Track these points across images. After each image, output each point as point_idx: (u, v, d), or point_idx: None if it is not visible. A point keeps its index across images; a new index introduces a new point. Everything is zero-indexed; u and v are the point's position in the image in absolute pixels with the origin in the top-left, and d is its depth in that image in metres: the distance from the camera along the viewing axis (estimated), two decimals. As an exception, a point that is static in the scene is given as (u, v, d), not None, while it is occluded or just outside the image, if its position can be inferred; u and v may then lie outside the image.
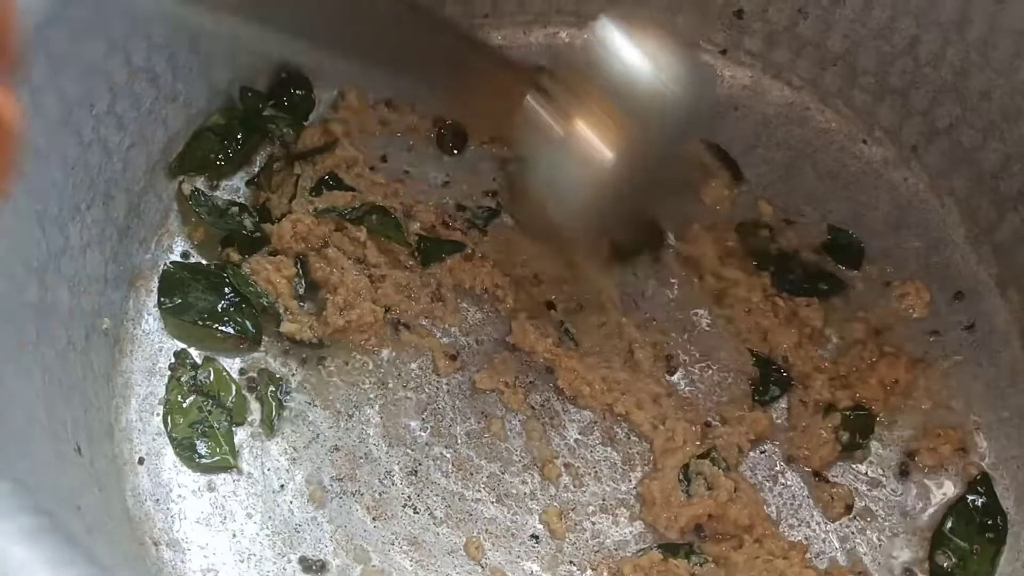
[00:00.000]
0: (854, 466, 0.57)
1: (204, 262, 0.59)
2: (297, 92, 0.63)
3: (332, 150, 0.61)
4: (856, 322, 0.60)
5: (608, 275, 0.60)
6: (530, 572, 0.54)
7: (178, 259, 0.59)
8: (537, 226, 0.55)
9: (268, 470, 0.56)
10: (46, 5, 0.44)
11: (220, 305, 0.58)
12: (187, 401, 0.56)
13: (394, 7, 0.45)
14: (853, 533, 0.56)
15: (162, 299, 0.58)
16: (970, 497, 0.56)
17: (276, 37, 0.43)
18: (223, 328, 0.57)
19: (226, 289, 0.58)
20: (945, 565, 0.55)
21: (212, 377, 0.57)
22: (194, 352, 0.57)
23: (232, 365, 0.57)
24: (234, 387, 0.57)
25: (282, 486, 0.55)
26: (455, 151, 0.64)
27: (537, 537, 0.55)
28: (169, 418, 0.56)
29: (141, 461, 0.54)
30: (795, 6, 0.63)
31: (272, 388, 0.57)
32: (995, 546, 0.55)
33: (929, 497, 0.57)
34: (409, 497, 0.56)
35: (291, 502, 0.55)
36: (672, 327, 0.60)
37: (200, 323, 0.57)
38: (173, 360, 0.57)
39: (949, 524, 0.56)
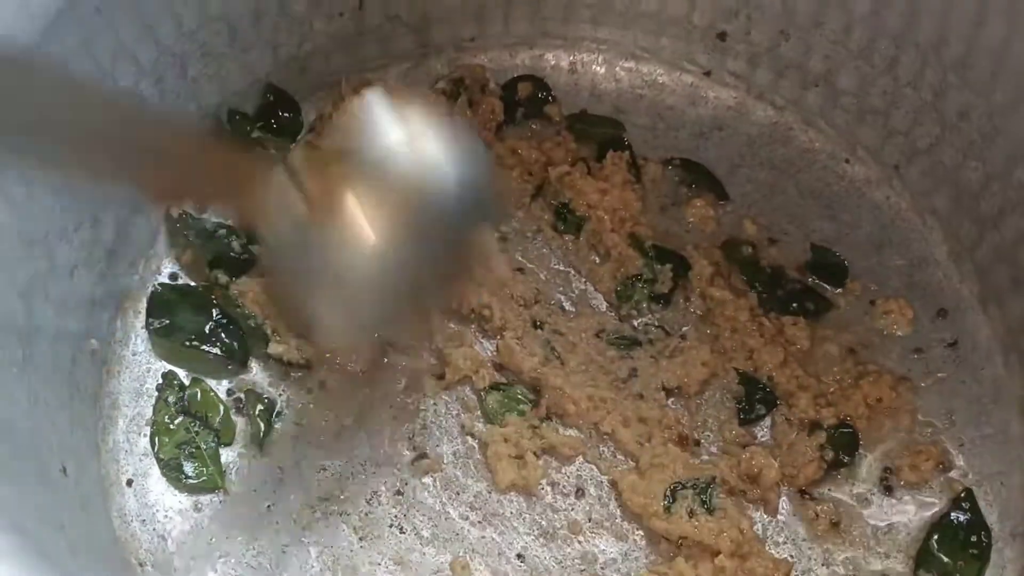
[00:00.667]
0: (839, 483, 0.58)
1: (192, 283, 0.60)
2: (284, 114, 0.64)
3: None
4: (840, 340, 0.61)
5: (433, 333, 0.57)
6: (516, 591, 0.55)
7: (166, 280, 0.60)
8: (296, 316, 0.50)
9: (255, 491, 0.56)
10: (35, 27, 0.45)
11: (208, 326, 0.58)
12: (174, 422, 0.56)
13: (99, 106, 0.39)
14: (838, 550, 0.56)
15: (150, 320, 0.58)
16: (954, 513, 0.56)
17: None
18: (210, 349, 0.57)
19: (214, 311, 0.58)
20: (930, 582, 0.55)
21: (200, 397, 0.57)
22: (182, 373, 0.57)
23: (220, 386, 0.58)
24: (222, 407, 0.57)
25: (269, 507, 0.55)
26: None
27: (523, 556, 0.55)
28: (156, 439, 0.56)
29: (130, 483, 0.55)
30: (777, 28, 0.64)
31: (260, 408, 0.57)
32: (979, 562, 0.56)
33: (913, 514, 0.57)
34: (395, 517, 0.56)
35: (277, 523, 0.55)
36: (657, 346, 0.61)
37: (187, 344, 0.57)
38: (161, 381, 0.57)
39: (933, 540, 0.56)
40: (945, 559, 0.55)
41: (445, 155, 0.43)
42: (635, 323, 0.61)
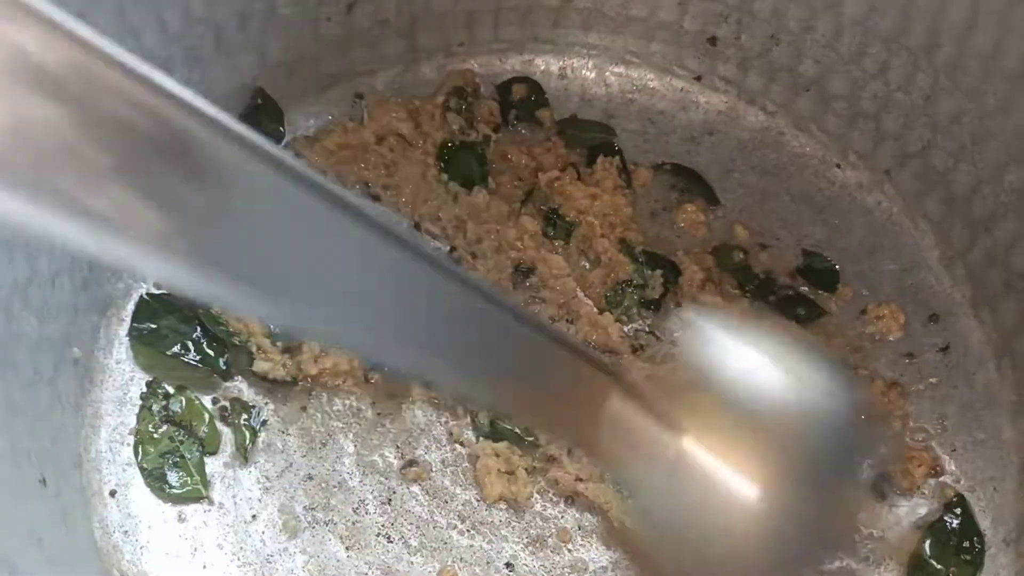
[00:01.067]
0: (831, 490, 0.57)
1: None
2: (267, 122, 0.63)
3: None
4: (832, 346, 0.60)
5: None
6: (506, 601, 0.54)
7: (153, 290, 0.59)
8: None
9: (240, 500, 0.55)
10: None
11: (193, 337, 0.57)
12: (159, 431, 0.55)
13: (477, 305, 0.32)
14: (829, 558, 0.55)
15: (134, 326, 0.57)
16: (947, 519, 0.56)
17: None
18: (194, 360, 0.57)
19: (198, 325, 0.57)
20: (924, 588, 0.55)
21: (184, 406, 0.56)
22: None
23: (205, 395, 0.57)
24: (207, 416, 0.56)
25: (254, 516, 0.55)
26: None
27: (512, 565, 0.55)
28: (140, 448, 0.55)
29: (112, 493, 0.54)
30: (767, 32, 0.64)
31: (245, 417, 0.56)
32: (972, 568, 0.55)
33: (905, 519, 0.56)
34: (383, 526, 0.55)
35: (263, 532, 0.54)
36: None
37: (170, 354, 0.57)
38: (145, 389, 0.56)
39: (926, 546, 0.55)
40: (938, 565, 0.55)
41: (814, 384, 0.36)
42: (625, 328, 0.60)
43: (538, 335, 0.35)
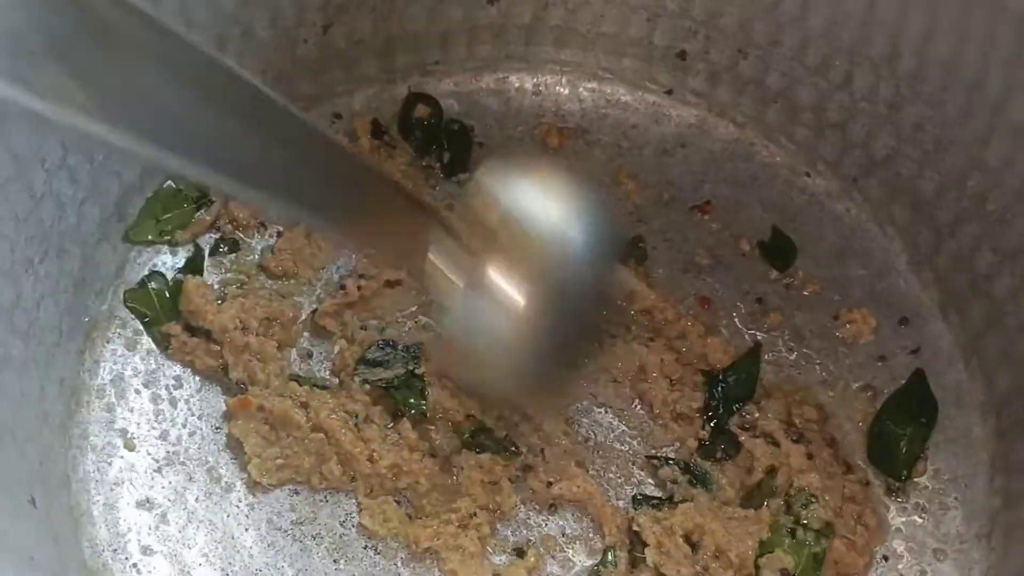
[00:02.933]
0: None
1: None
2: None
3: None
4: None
5: (559, 416, 0.58)
6: (493, 609, 0.55)
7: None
8: (463, 377, 0.53)
9: (228, 515, 0.56)
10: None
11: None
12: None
13: (294, 133, 0.40)
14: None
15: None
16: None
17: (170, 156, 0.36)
18: None
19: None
20: None
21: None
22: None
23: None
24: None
25: (244, 531, 0.55)
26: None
27: (499, 575, 0.55)
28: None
29: (100, 513, 0.54)
30: (735, 46, 0.66)
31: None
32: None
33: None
34: (370, 539, 0.56)
35: (251, 547, 0.55)
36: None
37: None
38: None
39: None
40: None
41: (573, 210, 0.45)
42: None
43: (363, 170, 0.44)
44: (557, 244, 0.45)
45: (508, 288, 0.44)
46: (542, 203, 0.45)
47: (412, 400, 0.57)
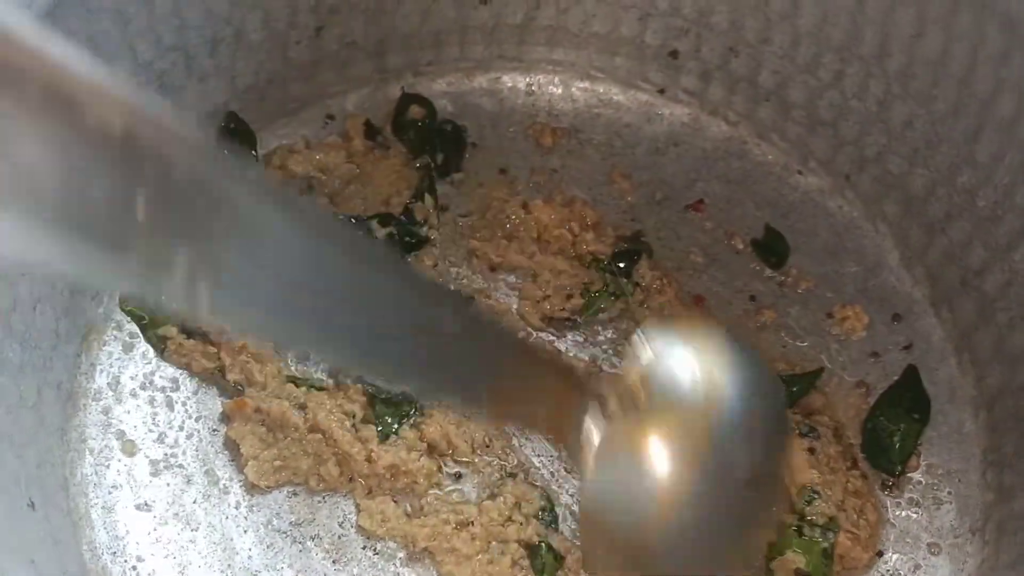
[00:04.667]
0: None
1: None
2: (240, 145, 0.64)
3: None
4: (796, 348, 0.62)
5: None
6: (491, 608, 0.55)
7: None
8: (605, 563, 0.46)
9: (226, 517, 0.56)
10: None
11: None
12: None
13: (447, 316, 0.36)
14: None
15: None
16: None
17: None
18: None
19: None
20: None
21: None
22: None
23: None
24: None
25: (242, 533, 0.55)
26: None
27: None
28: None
29: (99, 516, 0.54)
30: (726, 45, 0.66)
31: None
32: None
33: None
34: (368, 539, 0.56)
35: (250, 549, 0.55)
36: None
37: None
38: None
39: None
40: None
41: (741, 389, 0.42)
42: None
43: (514, 344, 0.39)
44: (717, 419, 0.41)
45: (663, 463, 0.40)
46: (702, 372, 0.41)
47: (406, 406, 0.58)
